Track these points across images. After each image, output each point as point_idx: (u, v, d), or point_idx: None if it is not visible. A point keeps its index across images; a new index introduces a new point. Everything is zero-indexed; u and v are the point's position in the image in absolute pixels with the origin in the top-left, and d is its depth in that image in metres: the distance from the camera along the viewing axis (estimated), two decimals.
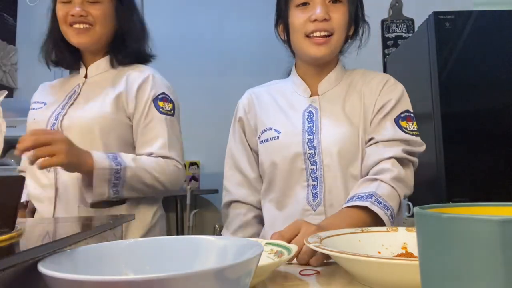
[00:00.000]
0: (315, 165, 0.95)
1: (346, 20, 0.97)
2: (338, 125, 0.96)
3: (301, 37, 0.96)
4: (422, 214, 0.30)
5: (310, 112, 1.00)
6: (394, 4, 2.96)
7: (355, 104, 0.99)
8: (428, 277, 0.29)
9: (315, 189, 0.95)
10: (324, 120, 0.98)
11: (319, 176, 0.94)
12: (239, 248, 0.42)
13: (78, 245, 0.43)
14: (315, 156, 0.95)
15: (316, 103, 1.01)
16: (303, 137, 0.97)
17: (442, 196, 1.97)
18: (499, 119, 1.99)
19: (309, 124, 0.98)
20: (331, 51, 0.96)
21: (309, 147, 0.96)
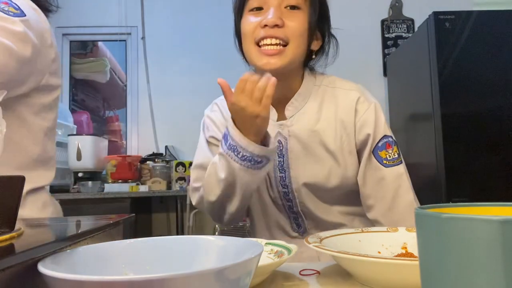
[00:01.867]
0: (291, 202, 0.92)
1: (304, 29, 0.84)
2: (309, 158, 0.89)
3: (251, 45, 0.84)
4: (422, 214, 0.30)
5: (279, 142, 0.90)
6: (394, 4, 2.96)
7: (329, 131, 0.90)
8: (428, 277, 0.29)
9: (297, 220, 0.94)
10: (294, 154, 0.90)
11: (297, 212, 0.93)
12: (239, 248, 0.42)
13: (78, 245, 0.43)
14: (289, 194, 0.92)
15: (285, 131, 0.90)
16: (275, 174, 0.91)
17: (442, 196, 1.97)
18: (499, 119, 1.99)
19: (279, 158, 0.90)
20: (285, 63, 0.82)
21: (282, 185, 0.91)
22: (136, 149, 2.98)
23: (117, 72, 3.55)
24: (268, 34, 0.81)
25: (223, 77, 0.81)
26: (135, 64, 3.05)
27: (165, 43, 3.03)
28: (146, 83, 3.00)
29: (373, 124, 0.89)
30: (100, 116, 3.60)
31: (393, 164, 0.88)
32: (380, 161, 0.88)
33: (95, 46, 3.41)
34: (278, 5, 0.83)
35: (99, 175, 2.60)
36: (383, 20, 2.96)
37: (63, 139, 2.53)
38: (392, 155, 0.89)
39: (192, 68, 2.97)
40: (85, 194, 2.31)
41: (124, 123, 3.13)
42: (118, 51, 3.35)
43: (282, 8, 0.84)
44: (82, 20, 3.03)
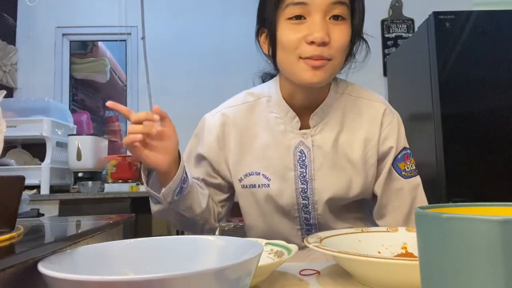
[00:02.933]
0: (308, 214, 0.90)
1: (347, 42, 0.80)
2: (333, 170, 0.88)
3: (294, 59, 0.79)
4: (422, 214, 0.30)
5: (301, 152, 0.88)
6: (394, 4, 2.95)
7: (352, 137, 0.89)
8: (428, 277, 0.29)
9: (310, 231, 0.91)
10: (318, 164, 0.87)
11: (313, 224, 0.91)
12: (239, 248, 0.42)
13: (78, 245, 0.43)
14: (308, 206, 0.89)
15: (308, 141, 0.88)
16: (296, 186, 0.88)
17: (442, 196, 1.97)
18: (499, 119, 1.99)
19: (301, 168, 0.88)
20: (328, 76, 0.80)
21: (303, 197, 0.88)
22: None
23: (117, 72, 3.55)
24: (315, 55, 0.76)
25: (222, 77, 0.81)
26: (135, 64, 3.04)
27: (165, 43, 3.03)
28: (146, 83, 3.00)
29: (396, 136, 0.90)
30: (100, 116, 3.60)
31: (410, 175, 0.90)
32: (399, 172, 0.89)
33: (95, 46, 3.41)
34: (323, 16, 0.77)
35: (99, 175, 2.60)
36: (383, 20, 2.96)
37: (63, 139, 2.53)
38: (410, 166, 0.90)
39: (192, 68, 2.97)
40: (85, 194, 2.31)
41: (124, 123, 3.13)
42: (118, 51, 3.35)
43: (327, 19, 0.78)
44: (82, 20, 3.03)
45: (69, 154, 2.49)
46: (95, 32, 3.08)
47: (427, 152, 2.09)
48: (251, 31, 0.93)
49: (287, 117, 0.89)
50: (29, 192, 2.27)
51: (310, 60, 0.77)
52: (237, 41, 2.95)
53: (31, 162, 2.63)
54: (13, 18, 2.94)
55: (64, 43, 3.07)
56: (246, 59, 3.12)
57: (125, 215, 0.70)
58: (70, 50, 3.11)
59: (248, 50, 3.40)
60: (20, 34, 2.95)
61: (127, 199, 2.37)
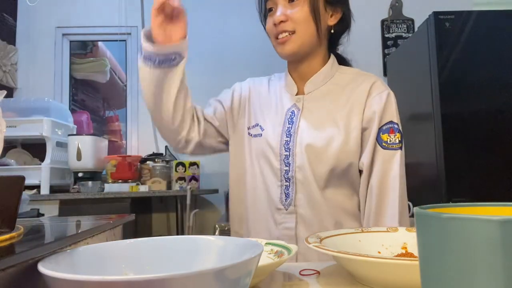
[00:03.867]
0: (288, 166, 0.97)
1: (305, 14, 0.96)
2: (316, 128, 0.98)
3: (273, 41, 1.01)
4: (422, 214, 0.30)
5: (292, 112, 1.01)
6: (394, 4, 2.95)
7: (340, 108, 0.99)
8: (428, 277, 0.29)
9: (287, 189, 0.97)
10: (303, 122, 0.99)
11: (291, 177, 0.96)
12: (239, 248, 0.42)
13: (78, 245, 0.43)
14: (289, 157, 0.97)
15: (299, 103, 1.02)
16: (281, 137, 0.99)
17: (442, 196, 1.97)
18: (499, 119, 1.99)
19: (288, 124, 1.00)
20: (297, 45, 0.97)
21: (285, 148, 0.98)
22: (136, 149, 2.98)
23: (117, 72, 3.55)
24: (279, 30, 0.97)
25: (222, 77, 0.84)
26: (135, 64, 3.04)
27: None
28: None
29: (382, 106, 0.97)
30: (100, 116, 3.60)
31: (390, 148, 0.95)
32: (380, 142, 0.96)
33: (95, 46, 3.41)
34: (281, 3, 0.97)
35: (99, 175, 2.60)
36: (383, 20, 2.96)
37: (63, 139, 2.53)
38: (393, 140, 0.96)
39: (192, 68, 2.96)
40: (85, 194, 2.31)
41: (124, 123, 3.13)
42: (118, 51, 3.35)
43: (286, 3, 0.97)
44: (82, 20, 3.03)
45: (69, 154, 2.49)
46: (95, 32, 3.08)
47: (427, 152, 2.09)
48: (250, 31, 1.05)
49: (289, 85, 1.06)
50: (29, 192, 2.27)
51: (277, 39, 0.98)
52: (237, 41, 2.95)
53: (31, 162, 2.63)
54: (13, 18, 2.94)
55: (64, 43, 3.06)
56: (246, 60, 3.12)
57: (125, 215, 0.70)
58: (70, 50, 3.11)
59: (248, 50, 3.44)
60: (20, 34, 2.95)
61: (127, 199, 2.37)
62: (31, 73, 2.92)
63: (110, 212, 2.28)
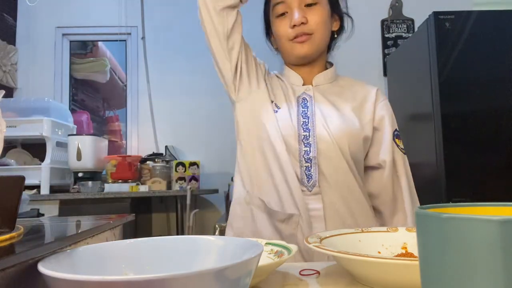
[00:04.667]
0: (308, 147, 0.97)
1: (324, 19, 1.01)
2: (332, 113, 1.00)
3: (286, 42, 1.01)
4: (422, 214, 0.30)
5: (304, 99, 1.03)
6: (394, 4, 2.95)
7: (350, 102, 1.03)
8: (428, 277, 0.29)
9: (309, 170, 0.96)
10: (318, 107, 1.01)
11: (313, 158, 0.96)
12: (239, 248, 0.42)
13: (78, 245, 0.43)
14: (309, 138, 0.98)
15: (310, 91, 1.04)
16: (298, 119, 0.99)
17: (442, 196, 1.97)
18: (499, 119, 1.99)
19: (303, 108, 1.01)
20: (314, 47, 1.00)
21: (304, 129, 0.99)
22: (136, 149, 2.98)
23: (117, 72, 3.55)
24: (298, 32, 0.98)
25: None
26: (135, 64, 3.04)
27: (165, 43, 3.03)
28: (146, 83, 3.00)
29: (390, 112, 1.04)
30: (100, 116, 3.60)
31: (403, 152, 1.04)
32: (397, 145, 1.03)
33: (95, 46, 3.41)
34: (298, 6, 0.99)
35: (99, 175, 2.60)
36: (383, 20, 2.96)
37: (63, 139, 2.53)
38: (401, 146, 1.04)
39: (192, 68, 2.97)
40: (85, 194, 2.31)
41: (124, 123, 3.13)
42: (118, 51, 3.35)
43: (302, 7, 0.99)
44: (82, 20, 3.03)
45: (69, 154, 2.49)
46: (95, 32, 3.08)
47: (427, 152, 2.09)
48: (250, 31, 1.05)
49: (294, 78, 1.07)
50: (29, 192, 2.27)
51: (296, 38, 0.99)
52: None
53: (31, 162, 2.63)
54: (13, 18, 2.94)
55: (64, 43, 3.07)
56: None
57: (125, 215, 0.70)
58: (70, 50, 3.11)
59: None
60: (20, 34, 2.95)
61: (127, 199, 2.37)
62: (31, 73, 2.92)
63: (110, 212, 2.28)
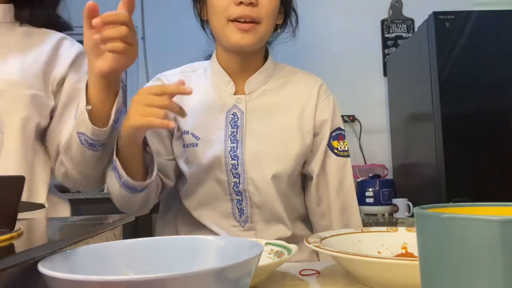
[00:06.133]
0: (237, 178, 0.85)
1: (275, 8, 0.85)
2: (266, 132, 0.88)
3: (223, 22, 0.82)
4: (422, 214, 0.30)
5: (234, 115, 0.88)
6: (394, 4, 2.95)
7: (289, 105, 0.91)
8: (428, 277, 0.29)
9: (240, 204, 0.87)
10: (250, 126, 0.87)
11: (243, 191, 0.86)
12: (239, 248, 0.42)
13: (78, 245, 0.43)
14: (237, 167, 0.85)
15: (242, 105, 0.89)
16: (225, 145, 0.86)
17: (442, 196, 1.97)
18: (499, 119, 1.99)
19: (232, 129, 0.87)
20: (257, 39, 0.83)
21: (232, 156, 0.85)
22: None
23: None
24: (244, 14, 0.80)
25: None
26: (135, 64, 3.04)
27: (165, 43, 3.03)
28: (146, 83, 3.00)
29: (331, 112, 0.93)
30: None
31: (342, 155, 0.93)
32: (332, 149, 0.92)
33: None
34: None
35: None
36: (383, 20, 2.96)
37: None
38: (342, 147, 0.93)
39: None
40: (85, 194, 2.31)
41: None
42: None
43: None
44: (82, 20, 3.02)
45: None
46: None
47: (427, 152, 2.09)
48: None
49: (222, 82, 0.91)
50: None
51: (238, 23, 0.81)
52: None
53: None
54: None
55: None
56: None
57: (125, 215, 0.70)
58: None
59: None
60: None
61: None
62: None
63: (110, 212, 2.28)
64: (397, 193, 2.35)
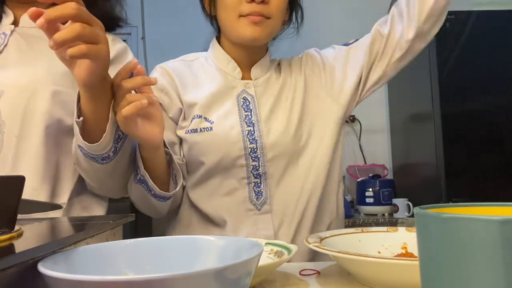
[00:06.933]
0: (257, 161, 0.84)
1: (285, 3, 0.86)
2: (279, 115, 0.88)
3: (235, 17, 0.82)
4: (422, 214, 0.30)
5: (245, 99, 0.88)
6: None
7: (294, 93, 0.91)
8: (428, 277, 0.29)
9: (258, 186, 0.85)
10: (263, 110, 0.87)
11: (262, 173, 0.84)
12: (239, 248, 0.42)
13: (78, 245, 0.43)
14: (257, 150, 0.84)
15: (251, 90, 0.89)
16: (242, 128, 0.84)
17: (442, 196, 1.97)
18: (499, 119, 1.99)
19: (245, 112, 0.86)
20: (267, 33, 0.85)
21: (250, 140, 0.84)
22: None
23: None
24: (255, 11, 0.81)
25: None
26: None
27: (165, 43, 3.03)
28: None
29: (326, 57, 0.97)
30: None
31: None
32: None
33: None
34: None
35: None
36: None
37: None
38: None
39: None
40: None
41: None
42: None
43: None
44: None
45: None
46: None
47: (427, 152, 2.09)
48: None
49: (228, 67, 0.90)
50: None
51: (250, 16, 0.81)
52: None
53: None
54: None
55: None
56: None
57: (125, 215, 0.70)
58: None
59: None
60: None
61: (127, 199, 2.35)
62: None
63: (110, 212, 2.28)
64: (397, 193, 2.35)
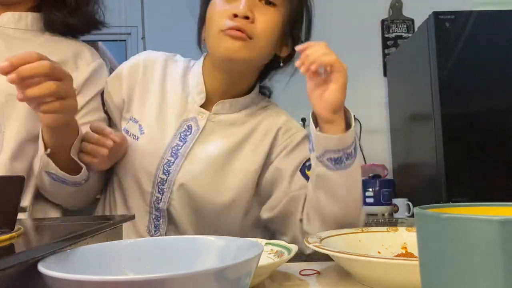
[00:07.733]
0: (161, 194, 0.78)
1: (275, 28, 0.77)
2: (212, 160, 0.79)
3: (216, 32, 0.76)
4: (422, 214, 0.30)
5: (189, 127, 0.81)
6: (394, 4, 2.95)
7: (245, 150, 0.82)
8: (428, 277, 0.29)
9: (158, 220, 0.80)
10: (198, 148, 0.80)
11: (162, 210, 0.79)
12: (239, 248, 0.42)
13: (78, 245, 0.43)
14: (165, 183, 0.78)
15: (201, 121, 0.81)
16: (164, 154, 0.79)
17: (442, 196, 1.97)
18: (499, 119, 1.99)
19: (179, 141, 0.80)
20: (247, 54, 0.76)
21: (164, 170, 0.78)
22: None
23: None
24: (235, 26, 0.74)
25: None
26: None
27: (165, 43, 3.03)
28: None
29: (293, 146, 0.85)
30: None
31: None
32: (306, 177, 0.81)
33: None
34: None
35: None
36: (383, 20, 2.96)
37: None
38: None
39: None
40: None
41: None
42: (118, 51, 3.34)
43: (256, 1, 0.76)
44: None
45: None
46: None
47: (427, 152, 2.09)
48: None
49: (196, 89, 0.84)
50: None
51: (230, 30, 0.74)
52: None
53: None
54: None
55: None
56: None
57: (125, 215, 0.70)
58: None
59: None
60: None
61: None
62: None
63: None
64: (397, 193, 2.35)
